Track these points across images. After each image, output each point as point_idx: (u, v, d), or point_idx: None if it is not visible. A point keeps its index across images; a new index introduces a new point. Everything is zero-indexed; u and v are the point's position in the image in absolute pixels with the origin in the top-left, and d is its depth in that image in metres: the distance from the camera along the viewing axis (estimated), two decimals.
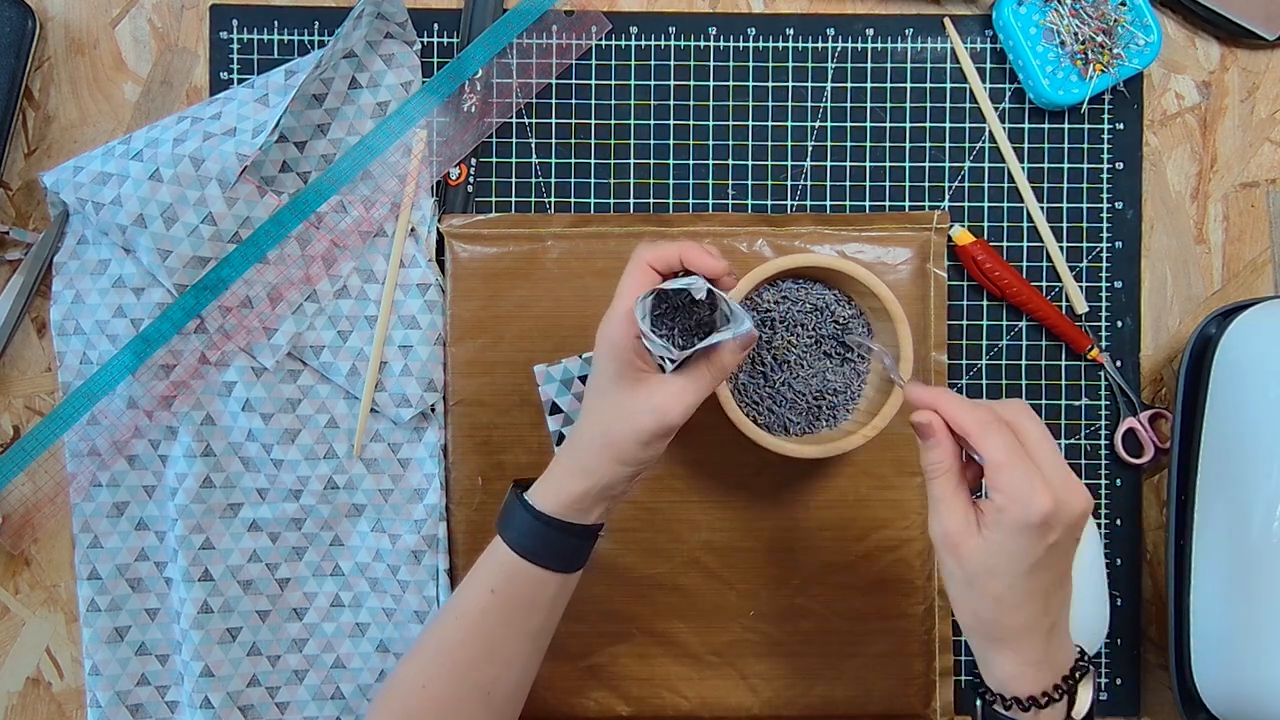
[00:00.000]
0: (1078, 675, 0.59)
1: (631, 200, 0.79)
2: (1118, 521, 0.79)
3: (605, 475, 0.62)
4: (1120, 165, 0.79)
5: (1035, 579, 0.56)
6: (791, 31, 0.79)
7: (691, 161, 0.79)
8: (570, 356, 0.77)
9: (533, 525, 0.63)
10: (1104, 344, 0.79)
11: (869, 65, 0.79)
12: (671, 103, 0.79)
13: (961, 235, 0.78)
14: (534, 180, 0.79)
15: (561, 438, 0.77)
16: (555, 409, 0.77)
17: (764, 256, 0.77)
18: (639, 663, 0.78)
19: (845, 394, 0.73)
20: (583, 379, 0.77)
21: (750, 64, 0.79)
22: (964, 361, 0.79)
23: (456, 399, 0.77)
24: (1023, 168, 0.79)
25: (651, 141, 0.79)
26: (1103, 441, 0.79)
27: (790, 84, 0.79)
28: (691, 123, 0.79)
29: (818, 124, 0.79)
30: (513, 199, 0.79)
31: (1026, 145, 0.79)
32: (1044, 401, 0.79)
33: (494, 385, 0.77)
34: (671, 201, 0.79)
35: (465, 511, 0.77)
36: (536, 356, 0.77)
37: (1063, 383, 0.79)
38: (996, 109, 0.79)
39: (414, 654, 0.66)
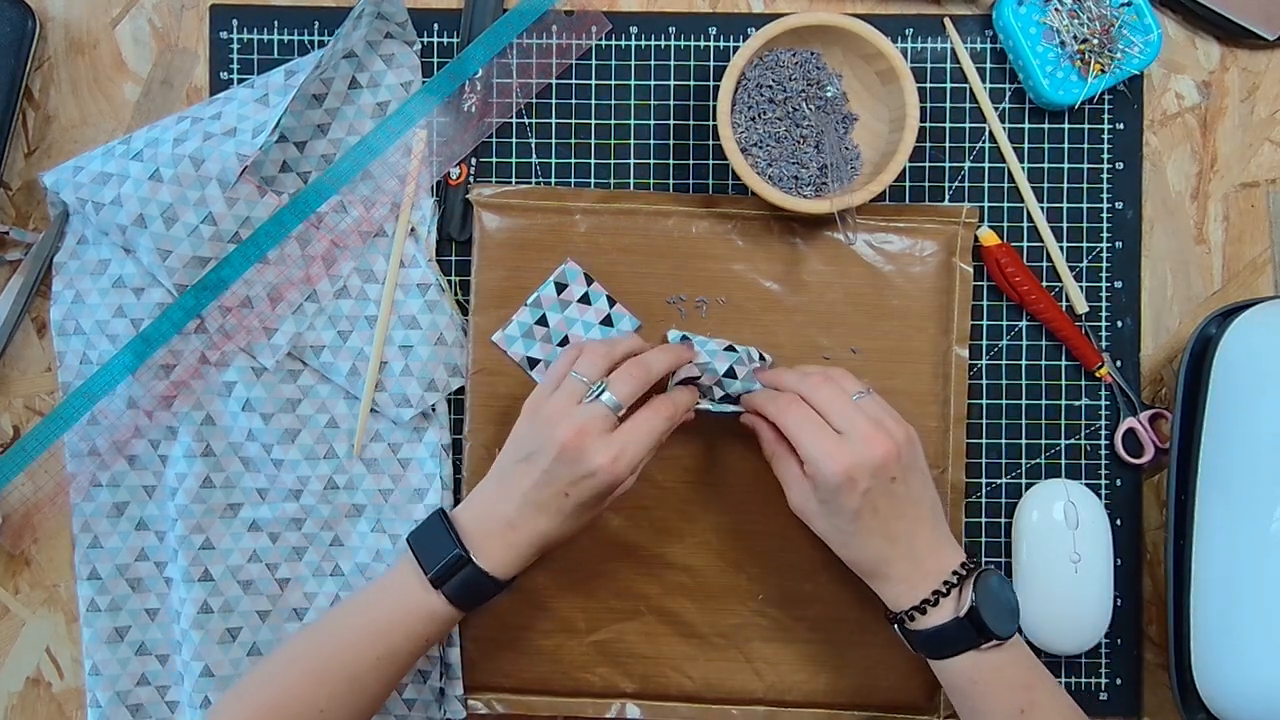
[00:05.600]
0: (956, 579, 0.68)
1: None
2: (1118, 521, 0.79)
3: (566, 541, 0.68)
4: (1120, 165, 0.79)
5: (864, 523, 0.67)
6: None
7: (692, 162, 0.79)
8: (516, 310, 0.77)
9: (496, 591, 0.67)
10: (1104, 344, 0.79)
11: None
12: (671, 103, 0.79)
13: (988, 236, 0.78)
14: (534, 181, 0.79)
15: None
16: (533, 362, 0.77)
17: (789, 243, 0.78)
18: (645, 641, 0.78)
19: (849, 157, 0.75)
20: (539, 322, 0.77)
21: None
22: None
23: (478, 368, 0.78)
24: (1023, 168, 0.79)
25: (652, 142, 0.79)
26: (1103, 441, 0.79)
27: None
28: (692, 123, 0.79)
29: None
30: None
31: (1026, 145, 0.79)
32: (1044, 401, 0.79)
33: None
34: None
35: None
36: None
37: (1063, 383, 0.79)
38: (996, 109, 0.79)
39: (314, 676, 0.67)
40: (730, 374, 0.72)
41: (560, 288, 0.78)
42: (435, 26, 0.79)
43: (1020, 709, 0.67)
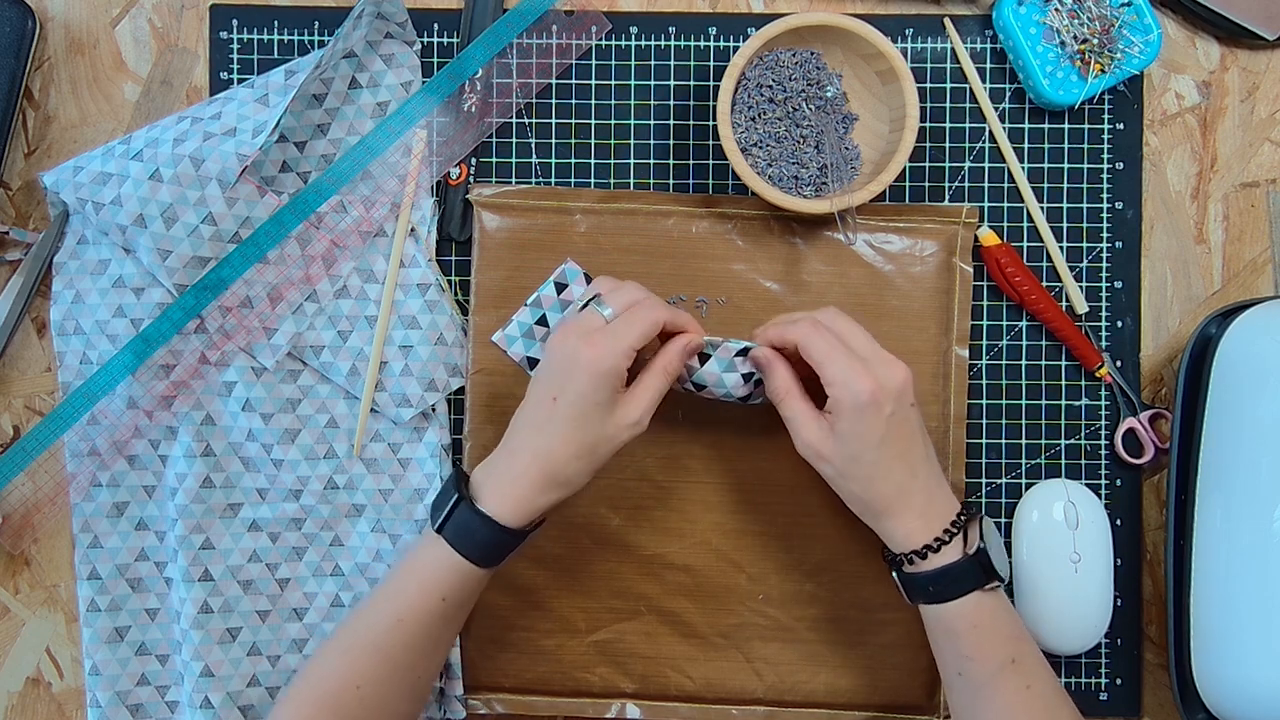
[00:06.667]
0: (963, 519, 0.68)
1: None
2: (1118, 521, 0.79)
3: (580, 484, 0.67)
4: (1120, 165, 0.79)
5: (888, 448, 0.66)
6: None
7: (692, 162, 0.79)
8: (517, 310, 0.77)
9: (495, 537, 0.66)
10: (1104, 344, 0.79)
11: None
12: (671, 103, 0.79)
13: (988, 236, 0.78)
14: (534, 181, 0.79)
15: None
16: (533, 362, 0.77)
17: (789, 243, 0.78)
18: (645, 641, 0.78)
19: (849, 157, 0.76)
20: (539, 322, 0.77)
21: None
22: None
23: (478, 368, 0.78)
24: (1023, 168, 0.79)
25: (652, 142, 0.79)
26: (1103, 441, 0.79)
27: None
28: (692, 123, 0.79)
29: None
30: None
31: (1026, 145, 0.79)
32: (1044, 401, 0.79)
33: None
34: None
35: None
36: None
37: (1063, 383, 0.79)
38: (996, 109, 0.79)
39: (344, 655, 0.67)
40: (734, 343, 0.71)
41: (560, 288, 0.78)
42: (435, 26, 0.79)
43: (1012, 658, 0.67)
